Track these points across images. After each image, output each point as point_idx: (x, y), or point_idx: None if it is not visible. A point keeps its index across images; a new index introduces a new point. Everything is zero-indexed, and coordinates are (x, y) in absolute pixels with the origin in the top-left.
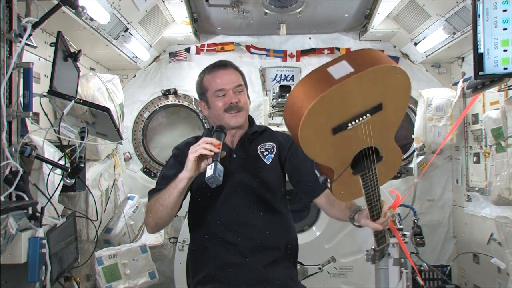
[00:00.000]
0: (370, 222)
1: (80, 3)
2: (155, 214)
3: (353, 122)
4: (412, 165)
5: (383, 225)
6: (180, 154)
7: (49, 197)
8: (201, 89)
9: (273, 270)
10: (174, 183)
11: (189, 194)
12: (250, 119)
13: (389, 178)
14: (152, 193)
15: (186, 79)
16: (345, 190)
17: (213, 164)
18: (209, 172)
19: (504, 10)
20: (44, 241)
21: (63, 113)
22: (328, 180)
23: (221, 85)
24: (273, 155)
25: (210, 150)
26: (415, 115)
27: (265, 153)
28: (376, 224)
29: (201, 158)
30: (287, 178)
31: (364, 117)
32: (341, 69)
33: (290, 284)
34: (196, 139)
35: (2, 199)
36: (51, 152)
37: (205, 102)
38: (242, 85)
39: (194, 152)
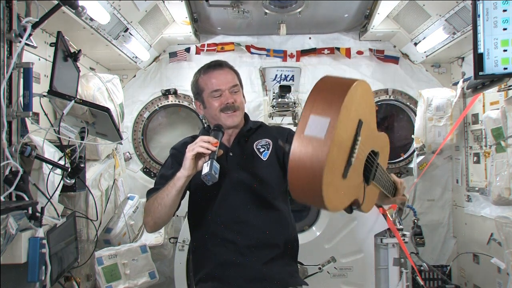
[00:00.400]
0: (394, 199)
1: (80, 3)
2: (153, 213)
3: (354, 155)
4: (412, 165)
5: (404, 193)
6: (177, 154)
7: (49, 197)
8: (197, 89)
9: (272, 268)
10: (172, 182)
11: (188, 195)
12: (245, 116)
13: (387, 158)
14: (150, 193)
15: (186, 79)
16: (370, 201)
17: (209, 162)
18: (205, 169)
19: (504, 10)
20: (44, 241)
21: (63, 113)
22: (354, 207)
23: (217, 86)
24: (269, 151)
25: (207, 149)
26: (415, 115)
27: (261, 150)
28: (400, 197)
29: (198, 156)
30: None
31: (358, 142)
32: (319, 126)
33: (290, 281)
34: (193, 138)
35: (2, 199)
36: (51, 152)
37: (201, 102)
38: (237, 84)
39: (191, 150)
